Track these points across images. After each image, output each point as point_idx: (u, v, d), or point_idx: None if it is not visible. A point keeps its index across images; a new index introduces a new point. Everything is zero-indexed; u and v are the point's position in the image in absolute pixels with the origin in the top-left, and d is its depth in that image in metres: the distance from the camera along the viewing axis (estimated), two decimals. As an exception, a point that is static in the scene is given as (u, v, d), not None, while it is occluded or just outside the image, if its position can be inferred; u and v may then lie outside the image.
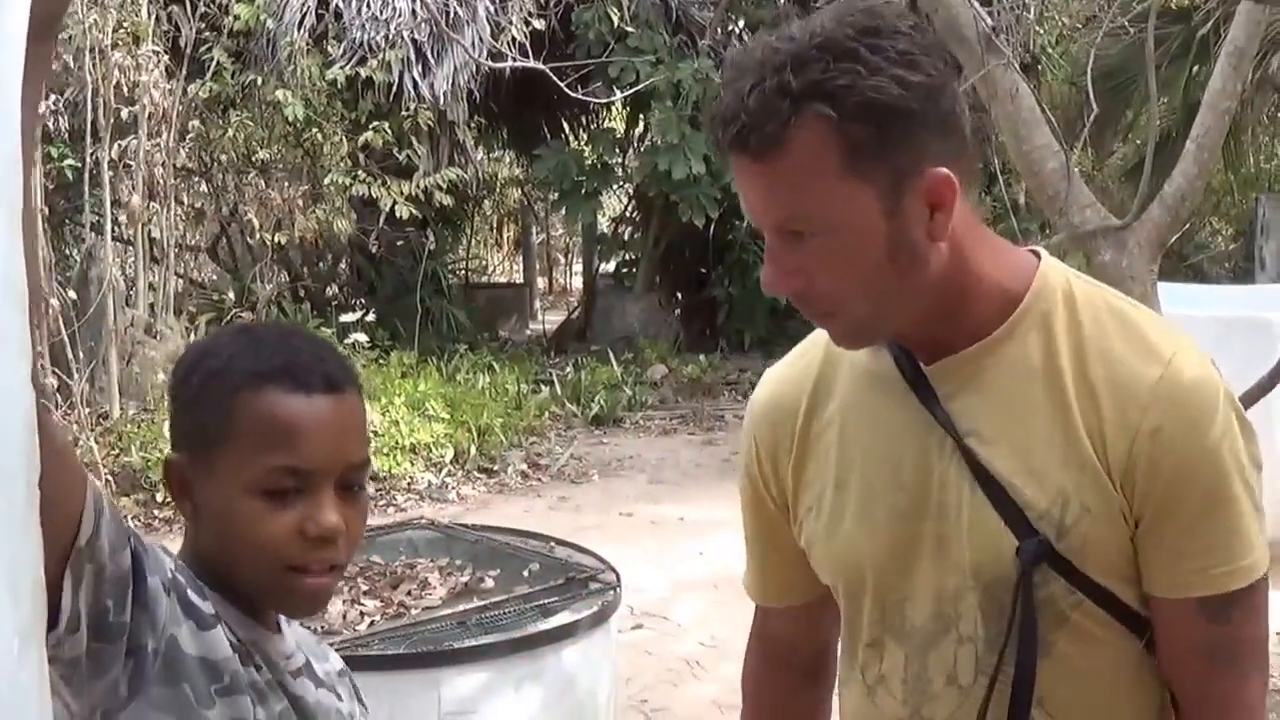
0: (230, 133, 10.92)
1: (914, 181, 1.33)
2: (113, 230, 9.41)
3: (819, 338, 1.57)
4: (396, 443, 8.88)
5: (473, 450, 9.40)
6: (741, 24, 13.17)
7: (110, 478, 7.97)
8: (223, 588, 1.40)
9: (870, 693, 1.53)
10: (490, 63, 9.80)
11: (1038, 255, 1.48)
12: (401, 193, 11.36)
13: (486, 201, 18.54)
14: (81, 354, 8.65)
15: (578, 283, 20.40)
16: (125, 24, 9.05)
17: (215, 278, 13.45)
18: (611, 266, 15.83)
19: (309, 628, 1.60)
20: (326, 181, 11.10)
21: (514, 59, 9.23)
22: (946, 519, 1.43)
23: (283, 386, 1.38)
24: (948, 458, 1.43)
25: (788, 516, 1.60)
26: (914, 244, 1.35)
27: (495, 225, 21.85)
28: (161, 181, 9.32)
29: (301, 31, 11.21)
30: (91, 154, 9.03)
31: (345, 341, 10.36)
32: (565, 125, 16.02)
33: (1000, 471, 1.40)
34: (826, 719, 1.78)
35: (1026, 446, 1.40)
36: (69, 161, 9.58)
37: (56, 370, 8.46)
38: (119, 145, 9.11)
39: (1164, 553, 1.38)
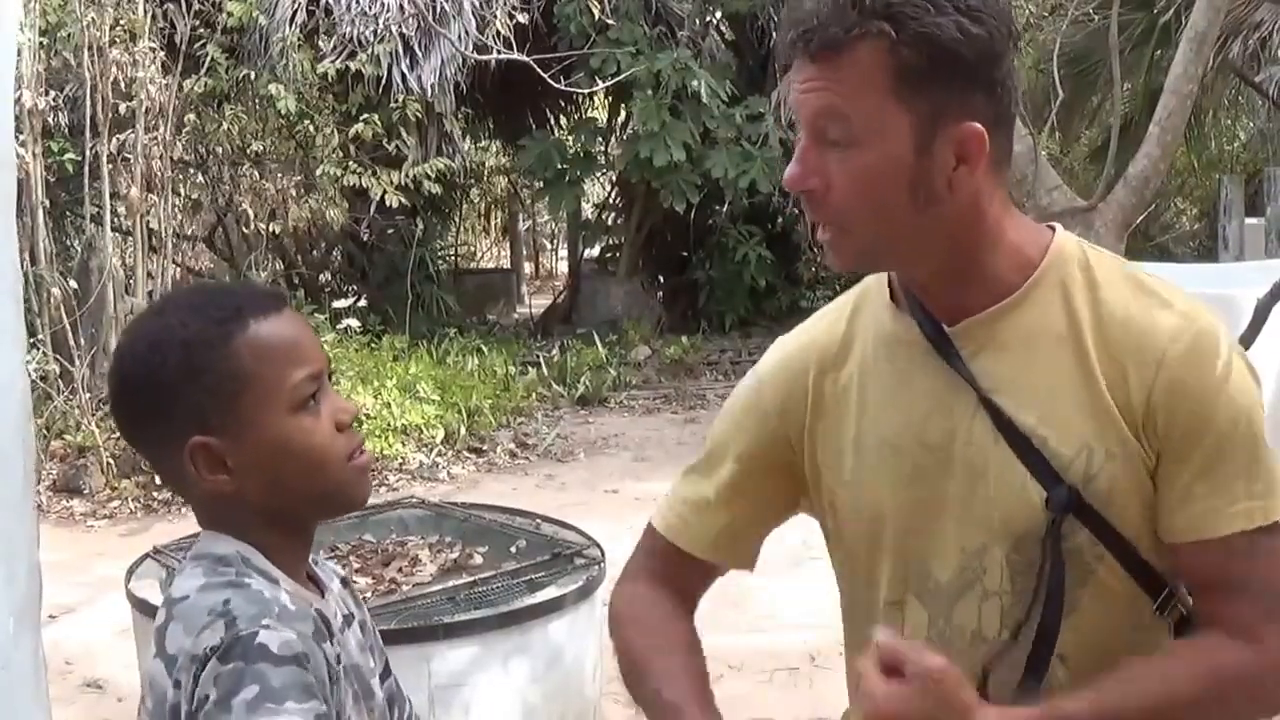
0: (225, 126, 11.00)
1: (949, 128, 1.36)
2: (112, 221, 9.49)
3: (845, 303, 1.60)
4: (389, 424, 8.99)
5: (462, 431, 9.48)
6: (719, 15, 13.23)
7: (111, 460, 8.18)
8: (282, 545, 1.45)
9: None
10: (476, 55, 9.91)
11: (1053, 229, 1.51)
12: (391, 182, 11.44)
13: (474, 190, 18.38)
14: (83, 341, 8.78)
15: (563, 267, 20.16)
16: (122, 22, 9.14)
17: (212, 266, 13.44)
18: (596, 251, 15.78)
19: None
20: (319, 172, 11.19)
21: (499, 52, 9.36)
22: (972, 475, 1.44)
23: (259, 315, 1.41)
24: (972, 414, 1.44)
25: (796, 458, 1.59)
26: (934, 187, 1.38)
27: (483, 212, 21.52)
28: (159, 174, 9.39)
29: (293, 27, 11.29)
30: (91, 148, 9.10)
31: (338, 327, 10.49)
32: (549, 115, 15.94)
33: (1025, 424, 1.41)
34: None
35: (1050, 398, 1.41)
36: (69, 155, 9.63)
37: (59, 357, 8.66)
38: (117, 139, 9.21)
39: (1177, 494, 1.39)
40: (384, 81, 11.56)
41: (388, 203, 11.56)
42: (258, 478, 1.40)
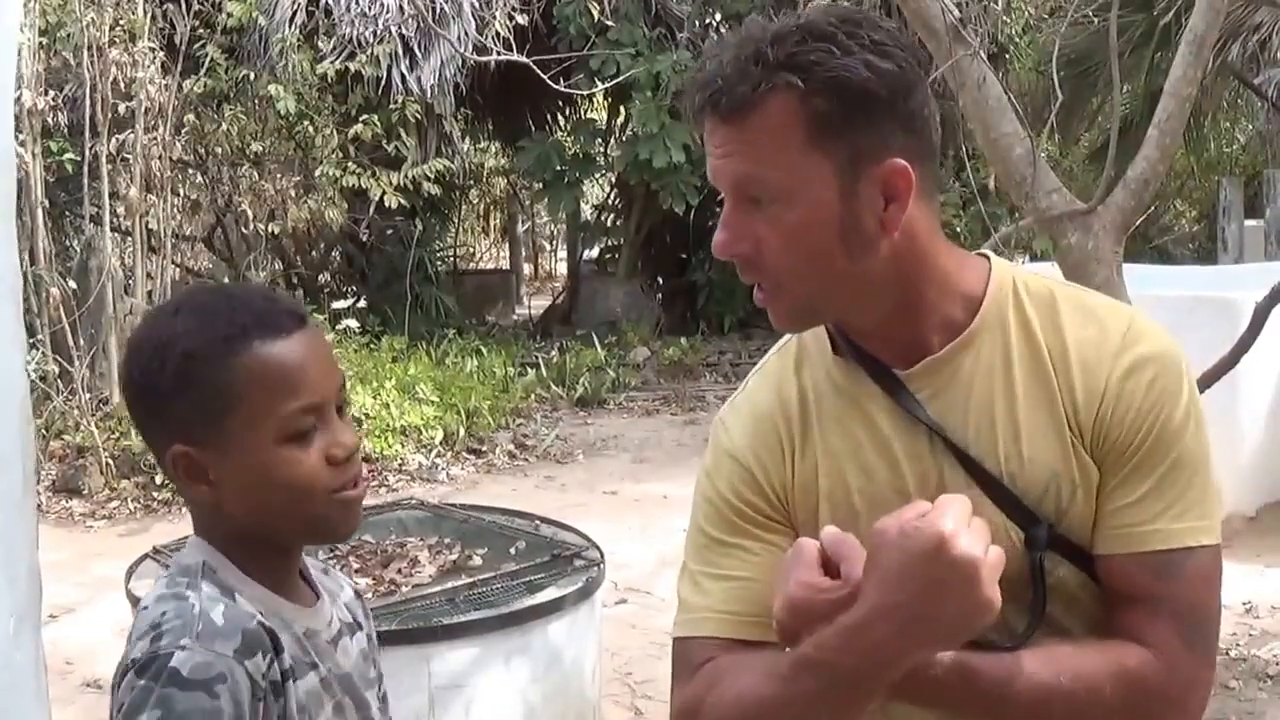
0: (224, 126, 11.04)
1: (871, 168, 1.33)
2: (111, 221, 9.50)
3: (784, 363, 1.54)
4: (388, 425, 8.99)
5: (461, 432, 9.48)
6: (719, 17, 13.23)
7: (110, 461, 8.18)
8: (262, 556, 1.45)
9: (882, 708, 1.38)
10: (475, 56, 9.87)
11: (987, 258, 1.49)
12: (390, 183, 11.49)
13: (473, 190, 18.45)
14: (82, 341, 8.80)
15: (563, 268, 20.22)
16: (122, 22, 9.16)
17: (211, 266, 13.48)
18: (595, 252, 15.84)
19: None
20: (318, 173, 11.22)
21: (498, 53, 9.28)
22: None
23: (265, 337, 1.39)
24: (941, 459, 1.41)
25: (782, 525, 1.49)
26: (865, 230, 1.34)
27: (482, 213, 21.57)
28: (158, 174, 9.41)
29: (292, 28, 11.34)
30: (90, 148, 9.13)
31: (337, 328, 10.48)
32: (548, 117, 15.98)
33: (994, 464, 1.39)
34: None
35: (1015, 433, 1.39)
36: (68, 155, 9.65)
37: (58, 357, 8.65)
38: (117, 139, 9.23)
39: (1112, 508, 1.37)
40: (383, 82, 11.61)
41: (387, 204, 11.59)
42: (237, 494, 1.41)
